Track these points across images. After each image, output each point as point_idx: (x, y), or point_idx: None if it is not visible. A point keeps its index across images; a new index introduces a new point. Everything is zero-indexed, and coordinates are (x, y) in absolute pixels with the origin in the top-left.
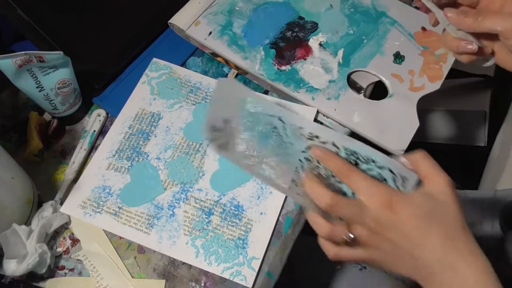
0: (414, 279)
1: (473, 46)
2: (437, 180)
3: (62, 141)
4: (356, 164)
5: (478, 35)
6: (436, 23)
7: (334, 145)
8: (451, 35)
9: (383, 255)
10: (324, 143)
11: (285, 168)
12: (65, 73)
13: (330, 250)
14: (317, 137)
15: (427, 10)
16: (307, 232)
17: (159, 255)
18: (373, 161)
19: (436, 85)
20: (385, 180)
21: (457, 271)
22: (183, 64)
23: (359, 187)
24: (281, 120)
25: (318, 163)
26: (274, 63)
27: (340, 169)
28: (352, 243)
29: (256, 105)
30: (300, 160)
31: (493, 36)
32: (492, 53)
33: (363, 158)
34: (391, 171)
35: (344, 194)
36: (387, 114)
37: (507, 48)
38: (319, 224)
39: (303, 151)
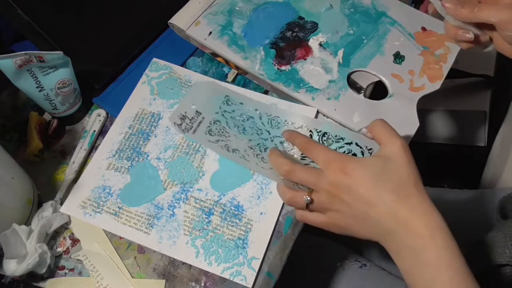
0: (375, 240)
1: (470, 35)
2: (390, 143)
3: (62, 141)
4: (329, 145)
5: (477, 23)
6: (435, 12)
7: (307, 129)
8: (450, 23)
9: (343, 218)
10: (298, 128)
11: (257, 150)
12: (65, 73)
13: (297, 213)
14: (292, 123)
15: (427, 10)
16: (307, 231)
17: (159, 255)
18: (342, 139)
19: (436, 85)
20: (354, 154)
21: (411, 227)
22: (183, 64)
23: (318, 157)
24: (257, 110)
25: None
26: (274, 63)
27: (303, 145)
28: (314, 208)
29: (234, 100)
30: (275, 144)
31: (491, 25)
32: (491, 40)
33: (334, 138)
34: (358, 145)
35: None
36: (387, 114)
37: (503, 38)
38: (282, 192)
39: (278, 136)
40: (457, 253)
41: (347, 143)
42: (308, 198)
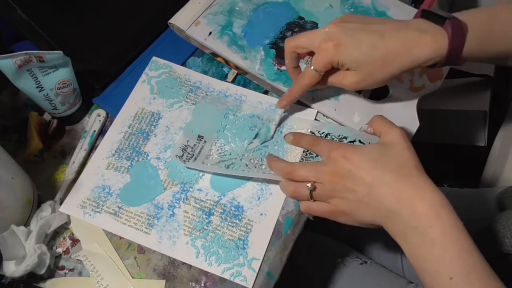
0: (379, 224)
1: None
2: (389, 132)
3: (62, 141)
4: None
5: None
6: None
7: (310, 132)
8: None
9: (347, 204)
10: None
11: (260, 160)
12: (65, 73)
13: (302, 204)
14: (294, 127)
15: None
16: (309, 228)
17: (159, 255)
18: (345, 138)
19: (436, 85)
20: None
21: (415, 206)
22: (183, 64)
23: (322, 150)
24: (259, 118)
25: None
26: (274, 63)
27: (309, 142)
28: (318, 197)
29: (235, 111)
30: (278, 149)
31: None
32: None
33: (336, 137)
34: (361, 142)
35: None
36: (387, 114)
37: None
38: (285, 186)
39: (281, 141)
40: (463, 229)
41: (350, 142)
42: (311, 185)
